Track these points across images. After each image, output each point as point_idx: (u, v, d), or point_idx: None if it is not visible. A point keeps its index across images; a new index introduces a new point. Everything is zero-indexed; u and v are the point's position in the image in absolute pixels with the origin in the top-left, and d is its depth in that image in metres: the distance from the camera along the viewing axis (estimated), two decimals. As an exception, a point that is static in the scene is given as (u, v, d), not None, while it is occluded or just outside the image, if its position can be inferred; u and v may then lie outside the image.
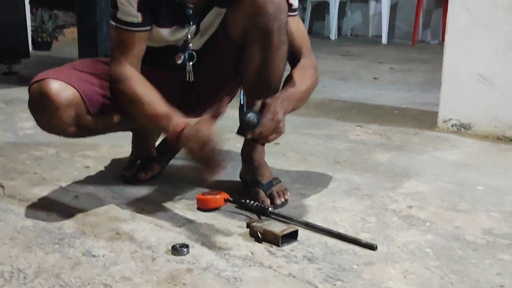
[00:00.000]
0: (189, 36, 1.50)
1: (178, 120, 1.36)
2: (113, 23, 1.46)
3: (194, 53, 1.52)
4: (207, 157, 1.30)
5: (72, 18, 5.80)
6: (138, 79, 1.44)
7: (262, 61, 1.46)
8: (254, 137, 1.38)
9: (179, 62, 1.53)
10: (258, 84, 1.50)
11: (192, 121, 1.34)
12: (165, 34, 1.49)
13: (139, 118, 1.47)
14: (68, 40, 5.25)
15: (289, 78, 1.50)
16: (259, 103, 1.38)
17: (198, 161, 1.34)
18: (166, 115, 1.37)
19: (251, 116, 1.35)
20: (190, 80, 1.56)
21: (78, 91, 1.44)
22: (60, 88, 1.41)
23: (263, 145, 1.46)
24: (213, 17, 1.51)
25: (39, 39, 4.92)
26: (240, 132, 1.43)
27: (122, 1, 1.41)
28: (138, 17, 1.43)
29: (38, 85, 1.42)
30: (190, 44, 1.51)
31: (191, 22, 1.48)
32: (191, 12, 1.46)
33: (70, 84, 1.43)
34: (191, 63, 1.54)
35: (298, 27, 1.54)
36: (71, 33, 5.32)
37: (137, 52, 1.46)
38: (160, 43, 1.51)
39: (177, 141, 1.35)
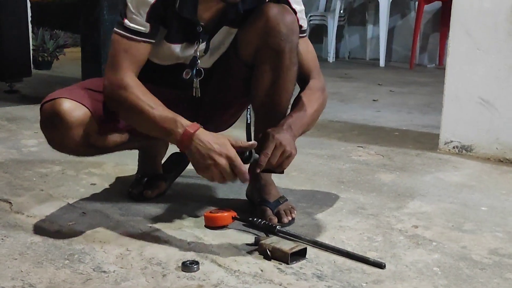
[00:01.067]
0: (197, 53, 1.51)
1: (187, 123, 1.33)
2: (119, 30, 1.43)
3: (202, 69, 1.54)
4: (213, 170, 1.31)
5: (72, 38, 5.84)
6: (139, 85, 1.40)
7: (272, 81, 1.48)
8: (265, 169, 1.39)
9: (187, 77, 1.54)
10: (268, 104, 1.52)
11: (203, 131, 1.33)
12: (176, 50, 1.50)
13: (141, 124, 1.41)
14: (68, 59, 5.28)
15: (297, 100, 1.52)
16: (259, 135, 1.42)
17: (200, 170, 1.33)
18: (173, 118, 1.34)
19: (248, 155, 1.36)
20: (197, 96, 1.58)
21: (89, 110, 1.44)
22: (72, 108, 1.41)
23: (282, 172, 1.45)
24: (224, 36, 1.53)
25: (40, 58, 4.95)
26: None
27: (132, 10, 1.40)
28: (146, 27, 1.42)
29: (51, 104, 1.42)
30: (199, 61, 1.52)
31: (201, 39, 1.50)
32: (201, 29, 1.48)
33: (81, 103, 1.43)
34: (198, 79, 1.55)
35: (307, 48, 1.57)
36: (72, 52, 5.36)
37: (138, 63, 1.43)
38: (171, 60, 1.52)
39: (188, 143, 1.31)
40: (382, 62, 5.95)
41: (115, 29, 1.44)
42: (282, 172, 1.45)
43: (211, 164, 1.30)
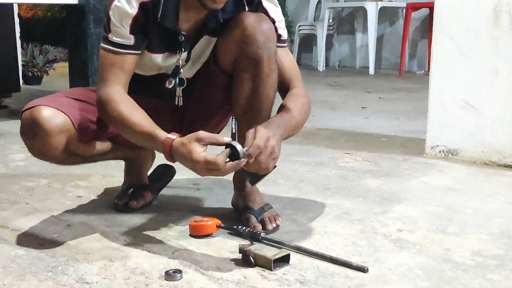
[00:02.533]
0: (180, 62, 1.52)
1: (163, 138, 1.34)
2: (104, 45, 1.45)
3: (184, 78, 1.55)
4: (200, 171, 1.31)
5: (62, 53, 5.85)
6: (123, 100, 1.42)
7: (252, 88, 1.49)
8: (251, 169, 1.36)
9: (170, 86, 1.55)
10: (249, 111, 1.52)
11: (178, 140, 1.32)
12: (158, 60, 1.52)
13: (130, 139, 1.45)
14: (58, 74, 5.29)
15: (283, 106, 1.52)
16: (251, 130, 1.36)
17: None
18: (151, 134, 1.36)
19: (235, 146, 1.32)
20: (179, 105, 1.58)
21: (69, 117, 1.44)
22: (51, 115, 1.42)
23: (265, 175, 1.42)
24: (204, 46, 1.54)
25: (30, 74, 4.95)
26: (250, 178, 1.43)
27: (115, 23, 1.42)
28: (130, 39, 1.44)
29: (30, 112, 1.43)
30: (181, 70, 1.54)
31: (183, 49, 1.51)
32: (183, 38, 1.49)
33: (61, 111, 1.44)
34: (181, 88, 1.56)
35: (287, 58, 1.57)
36: (62, 67, 5.36)
37: (125, 75, 1.45)
38: (152, 70, 1.54)
39: (170, 158, 1.34)
40: (371, 70, 5.99)
41: (101, 44, 1.47)
42: (265, 174, 1.42)
43: (199, 169, 1.30)
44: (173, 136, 1.34)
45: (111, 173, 2.05)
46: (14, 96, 3.96)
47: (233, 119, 1.73)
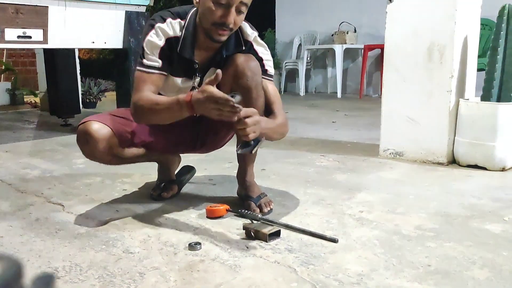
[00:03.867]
0: (196, 84, 1.53)
1: (184, 97, 1.29)
2: (140, 67, 1.43)
3: None
4: (222, 106, 1.23)
5: (111, 85, 5.85)
6: (148, 94, 1.39)
7: None
8: (238, 129, 1.27)
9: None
10: None
11: (195, 92, 1.28)
12: (178, 82, 1.51)
13: (161, 118, 1.37)
14: (108, 100, 5.28)
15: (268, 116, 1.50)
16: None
17: (218, 115, 1.25)
18: (174, 101, 1.31)
19: (235, 95, 1.27)
20: (197, 115, 1.56)
21: (111, 129, 1.46)
22: (98, 127, 1.43)
23: (251, 146, 1.30)
24: (211, 75, 1.54)
25: (87, 100, 4.95)
26: (242, 147, 1.32)
27: (147, 52, 1.42)
28: (159, 63, 1.43)
29: (83, 125, 1.44)
30: (196, 90, 1.53)
31: (197, 74, 1.51)
32: (197, 66, 1.50)
33: (106, 124, 1.45)
34: None
35: (273, 90, 1.55)
36: (111, 95, 5.35)
37: (154, 87, 1.42)
38: (174, 91, 1.52)
39: (194, 111, 1.28)
40: (339, 94, 5.99)
41: (137, 67, 1.45)
42: (245, 138, 1.28)
43: (212, 108, 1.24)
44: (188, 95, 1.28)
45: (148, 172, 2.05)
46: (76, 117, 3.95)
47: None
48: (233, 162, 2.25)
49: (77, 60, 4.32)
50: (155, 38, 1.43)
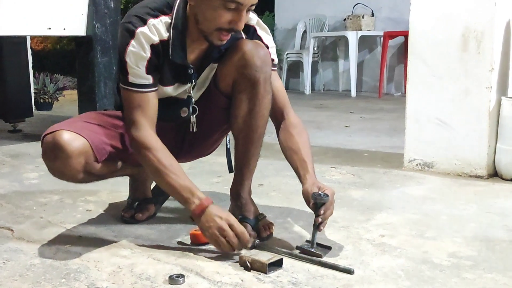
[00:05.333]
0: (191, 93, 1.54)
1: (202, 197, 1.41)
2: (126, 87, 1.46)
3: (196, 106, 1.57)
4: (220, 244, 1.38)
5: (71, 82, 5.86)
6: (161, 149, 1.45)
7: (249, 108, 1.51)
8: (325, 216, 1.43)
9: (184, 115, 1.58)
10: (246, 129, 1.54)
11: (214, 207, 1.41)
12: (169, 91, 1.54)
13: (163, 186, 1.47)
14: (67, 100, 5.30)
15: (296, 143, 1.55)
16: (318, 185, 1.47)
17: (216, 243, 1.40)
18: (190, 189, 1.41)
19: (323, 196, 1.42)
20: (194, 131, 1.59)
21: (87, 140, 1.45)
22: (72, 138, 1.42)
23: (323, 226, 1.46)
24: (208, 72, 1.56)
25: (41, 100, 4.95)
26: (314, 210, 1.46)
27: (131, 65, 1.44)
28: (149, 79, 1.46)
29: (52, 136, 1.43)
30: (193, 99, 1.56)
31: (193, 80, 1.53)
32: (192, 71, 1.51)
33: (80, 135, 1.44)
34: (194, 116, 1.58)
35: (277, 83, 1.59)
36: (70, 95, 5.37)
37: (151, 113, 1.47)
38: (162, 96, 1.54)
39: (199, 214, 1.39)
40: (353, 93, 6.03)
41: (123, 86, 1.47)
42: (325, 224, 1.46)
43: (217, 233, 1.38)
44: (210, 200, 1.42)
45: (117, 189, 2.05)
46: (27, 121, 3.96)
47: (228, 136, 1.75)
48: (223, 175, 2.26)
49: (29, 51, 4.33)
50: (139, 49, 1.43)
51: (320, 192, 1.44)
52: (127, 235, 1.61)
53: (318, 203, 1.43)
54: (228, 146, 1.72)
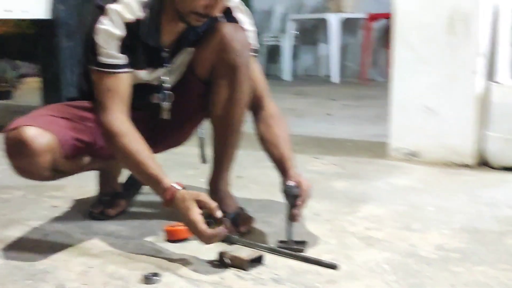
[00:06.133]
0: (165, 78, 1.53)
1: (167, 185, 1.36)
2: (96, 68, 1.44)
3: (170, 93, 1.56)
4: (197, 234, 1.34)
5: (33, 68, 5.77)
6: (128, 133, 1.42)
7: (228, 95, 1.51)
8: (298, 208, 1.45)
9: (157, 102, 1.56)
10: (225, 116, 1.54)
11: (180, 195, 1.34)
12: (141, 75, 1.52)
13: (133, 173, 1.46)
14: (29, 89, 5.20)
15: (275, 134, 1.57)
16: (295, 178, 1.48)
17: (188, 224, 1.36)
18: (156, 178, 1.37)
19: (294, 188, 1.45)
20: (167, 118, 1.58)
21: (54, 136, 1.41)
22: (37, 134, 1.38)
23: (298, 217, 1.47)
24: (183, 56, 1.55)
25: (0, 89, 4.86)
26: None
27: (102, 45, 1.42)
28: (121, 58, 1.44)
29: (15, 132, 1.38)
30: (167, 85, 1.55)
31: (166, 64, 1.52)
32: (166, 55, 1.50)
33: (46, 130, 1.40)
34: (168, 102, 1.57)
35: (257, 71, 1.59)
36: (33, 82, 5.28)
37: (124, 96, 1.45)
38: (134, 82, 1.52)
39: (169, 205, 1.36)
40: (335, 78, 6.05)
41: (92, 68, 1.45)
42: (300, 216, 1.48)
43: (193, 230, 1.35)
44: (177, 186, 1.36)
45: (85, 183, 2.03)
46: (-15, 111, 3.89)
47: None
48: (199, 168, 2.25)
49: (-14, 36, 4.24)
50: (111, 26, 1.41)
51: (291, 183, 1.45)
52: (97, 232, 1.60)
53: (290, 194, 1.44)
54: (202, 135, 1.72)
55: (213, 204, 1.34)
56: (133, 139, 1.42)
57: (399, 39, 2.43)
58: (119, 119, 1.43)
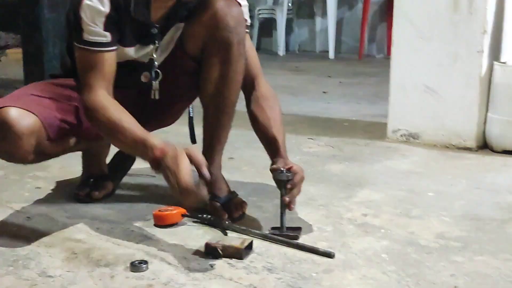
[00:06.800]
0: (154, 55, 1.50)
1: (155, 145, 1.30)
2: (80, 45, 1.41)
3: (159, 71, 1.53)
4: (184, 190, 1.27)
5: (14, 39, 5.68)
6: (111, 105, 1.39)
7: (221, 74, 1.49)
8: (292, 195, 1.44)
9: (146, 81, 1.54)
10: (217, 97, 1.52)
11: (171, 150, 1.28)
12: (130, 53, 1.49)
13: (120, 147, 1.44)
14: (11, 61, 5.14)
15: (268, 118, 1.55)
16: (287, 164, 1.46)
17: (174, 191, 1.30)
18: (143, 140, 1.32)
19: (286, 174, 1.43)
20: (156, 98, 1.56)
21: (38, 117, 1.38)
22: (21, 116, 1.35)
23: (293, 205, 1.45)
24: (173, 33, 1.52)
25: (-20, 61, 4.80)
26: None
27: (87, 22, 1.38)
28: (107, 37, 1.41)
29: None
30: (156, 63, 1.52)
31: (156, 41, 1.49)
32: (156, 31, 1.47)
33: (30, 111, 1.37)
34: (157, 81, 1.54)
35: (250, 48, 1.57)
36: (14, 53, 5.21)
37: (108, 75, 1.42)
38: (121, 59, 1.50)
39: (157, 169, 1.31)
40: (331, 54, 6.03)
41: (76, 45, 1.42)
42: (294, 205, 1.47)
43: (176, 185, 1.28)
44: (169, 145, 1.31)
45: (69, 163, 2.00)
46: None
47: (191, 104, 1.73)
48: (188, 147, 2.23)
49: (-35, 5, 4.17)
50: (95, 2, 1.38)
51: (282, 169, 1.44)
52: (83, 216, 1.59)
53: (281, 180, 1.43)
54: (191, 115, 1.70)
55: (202, 160, 1.29)
56: (115, 110, 1.39)
57: (400, 15, 2.40)
58: (102, 94, 1.41)
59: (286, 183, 1.43)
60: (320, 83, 4.30)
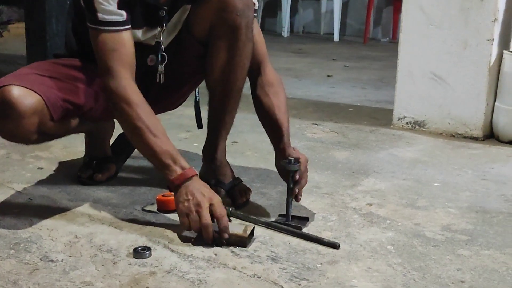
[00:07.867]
0: (161, 38, 1.48)
1: (184, 165, 1.34)
2: (96, 26, 1.37)
3: (165, 55, 1.51)
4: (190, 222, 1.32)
5: (17, 13, 5.64)
6: (142, 104, 1.37)
7: (228, 58, 1.46)
8: (300, 185, 1.45)
9: (152, 64, 1.51)
10: (224, 81, 1.50)
11: (198, 180, 1.35)
12: (138, 35, 1.46)
13: (140, 148, 1.41)
14: (14, 35, 5.10)
15: (273, 106, 1.54)
16: (293, 153, 1.49)
17: (180, 211, 1.34)
18: (173, 156, 1.34)
19: (293, 164, 1.42)
20: (161, 82, 1.54)
21: (42, 97, 1.36)
22: (24, 95, 1.33)
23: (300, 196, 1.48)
24: (180, 15, 1.49)
25: (-18, 35, 4.77)
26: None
27: (100, 1, 1.34)
28: (123, 15, 1.37)
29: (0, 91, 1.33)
30: (163, 46, 1.49)
31: (164, 24, 1.46)
32: (164, 13, 1.44)
33: (33, 90, 1.35)
34: (163, 65, 1.52)
35: (257, 33, 1.54)
36: (17, 28, 5.17)
37: (130, 56, 1.39)
38: None
39: (179, 183, 1.33)
40: (336, 37, 5.98)
41: (91, 26, 1.38)
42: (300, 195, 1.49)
43: (193, 209, 1.31)
44: (194, 170, 1.36)
45: (72, 143, 1.99)
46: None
47: (197, 88, 1.70)
48: (192, 131, 2.22)
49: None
50: None
51: (290, 158, 1.42)
52: (85, 199, 1.57)
53: (289, 170, 1.42)
54: (198, 99, 1.67)
55: (223, 212, 1.32)
56: (147, 110, 1.37)
57: (410, 0, 2.36)
58: (130, 85, 1.38)
59: (294, 173, 1.41)
60: (324, 66, 4.26)
